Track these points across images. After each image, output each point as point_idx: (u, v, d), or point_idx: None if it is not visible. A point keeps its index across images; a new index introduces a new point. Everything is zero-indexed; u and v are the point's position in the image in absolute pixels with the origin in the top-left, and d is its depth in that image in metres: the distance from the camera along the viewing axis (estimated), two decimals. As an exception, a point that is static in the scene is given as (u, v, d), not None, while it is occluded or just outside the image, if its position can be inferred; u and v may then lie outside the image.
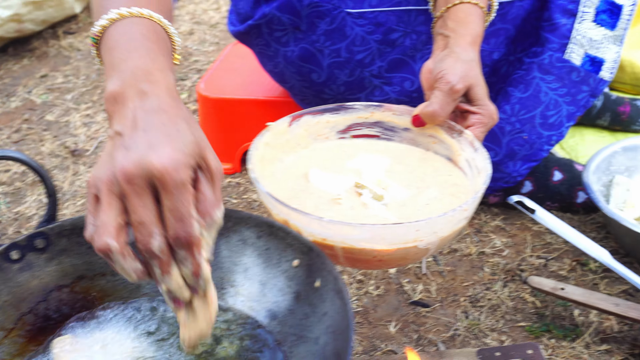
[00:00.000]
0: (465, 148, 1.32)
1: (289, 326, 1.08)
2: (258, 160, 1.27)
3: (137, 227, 0.86)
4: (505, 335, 1.59)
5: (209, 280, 0.91)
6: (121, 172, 0.85)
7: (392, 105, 1.41)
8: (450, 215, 1.12)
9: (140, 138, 0.87)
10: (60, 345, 1.09)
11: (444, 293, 1.73)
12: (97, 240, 0.87)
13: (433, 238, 1.14)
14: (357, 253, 1.14)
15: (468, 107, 1.33)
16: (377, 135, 1.44)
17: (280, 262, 1.12)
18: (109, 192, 0.86)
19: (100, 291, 1.19)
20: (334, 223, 1.11)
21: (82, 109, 2.74)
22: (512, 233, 1.90)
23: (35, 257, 1.15)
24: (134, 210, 0.85)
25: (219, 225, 0.92)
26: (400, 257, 1.17)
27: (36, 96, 2.87)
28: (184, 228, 0.86)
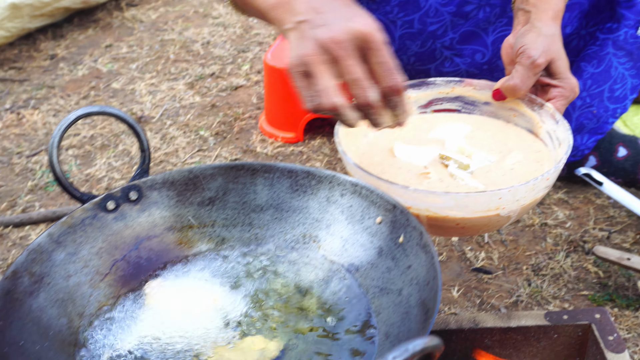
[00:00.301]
0: (546, 120, 1.34)
1: (370, 279, 1.13)
2: (344, 134, 1.31)
3: (353, 84, 1.03)
4: (567, 303, 1.62)
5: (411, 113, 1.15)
6: (330, 40, 1.01)
7: (472, 80, 1.44)
8: (532, 184, 1.15)
9: (332, 16, 1.03)
10: (152, 288, 1.15)
11: (506, 261, 1.77)
12: (325, 102, 1.03)
13: (515, 206, 1.17)
14: (441, 221, 1.18)
15: (549, 81, 1.35)
16: (457, 110, 1.47)
17: (363, 219, 1.16)
18: (320, 62, 1.02)
19: (188, 242, 1.24)
20: (419, 192, 1.15)
21: (147, 78, 2.81)
22: (575, 206, 1.92)
23: (129, 208, 1.21)
24: (348, 70, 1.02)
25: None
26: (483, 225, 1.20)
27: (102, 65, 2.95)
28: (394, 77, 1.04)
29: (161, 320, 1.11)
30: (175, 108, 2.58)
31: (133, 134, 1.20)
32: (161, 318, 1.11)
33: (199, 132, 2.41)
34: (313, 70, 1.03)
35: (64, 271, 1.12)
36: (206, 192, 1.25)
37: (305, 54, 1.03)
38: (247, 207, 1.25)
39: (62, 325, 1.08)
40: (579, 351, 1.39)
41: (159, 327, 1.10)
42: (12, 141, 2.47)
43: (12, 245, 1.99)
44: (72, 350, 1.07)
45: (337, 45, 1.01)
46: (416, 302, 1.01)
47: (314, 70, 1.03)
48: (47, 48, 3.13)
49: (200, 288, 1.17)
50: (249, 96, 2.62)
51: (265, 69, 2.26)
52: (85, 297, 1.13)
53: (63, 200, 2.16)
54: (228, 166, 1.24)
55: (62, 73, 2.91)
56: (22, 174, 2.29)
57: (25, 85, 2.84)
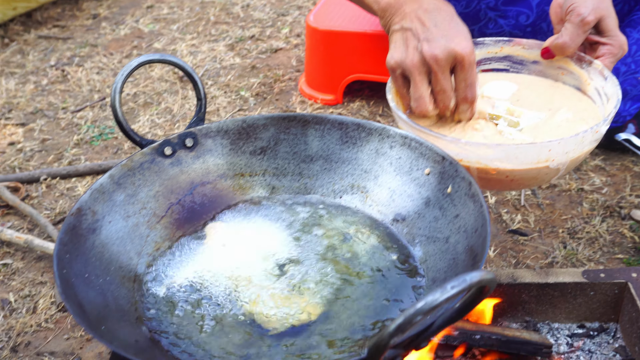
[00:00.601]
0: (594, 77, 1.36)
1: (417, 228, 1.17)
2: (395, 92, 1.35)
3: (440, 93, 1.28)
4: (602, 265, 1.65)
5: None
6: (432, 57, 1.25)
7: (521, 40, 1.46)
8: (581, 136, 1.17)
9: (436, 32, 1.26)
10: (210, 229, 1.20)
11: (542, 224, 1.80)
12: (420, 107, 1.30)
13: (564, 158, 1.20)
14: (491, 173, 1.21)
15: (598, 39, 1.37)
16: (505, 69, 1.49)
17: (412, 171, 1.20)
18: (420, 72, 1.27)
19: (240, 190, 1.29)
20: (470, 144, 1.19)
21: (188, 39, 2.85)
22: (612, 173, 1.94)
23: (184, 154, 1.26)
24: (439, 83, 1.27)
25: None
26: (532, 177, 1.23)
27: (143, 25, 2.99)
28: (472, 92, 1.29)
29: (215, 258, 1.16)
30: (215, 69, 2.62)
31: (190, 82, 1.25)
32: (216, 257, 1.16)
33: (239, 93, 2.45)
34: (413, 77, 1.28)
35: (123, 211, 1.18)
36: (258, 142, 1.29)
37: (409, 62, 1.27)
38: (297, 158, 1.29)
39: (122, 262, 1.13)
40: (614, 309, 1.42)
41: (212, 265, 1.15)
42: (57, 97, 2.53)
43: (60, 196, 2.05)
44: (132, 285, 1.12)
45: (436, 63, 1.25)
46: (463, 249, 1.05)
47: (413, 78, 1.28)
48: (89, 7, 3.17)
49: (251, 234, 1.21)
50: (288, 59, 2.66)
51: (307, 30, 2.29)
52: (143, 237, 1.19)
53: (107, 154, 2.22)
54: (280, 117, 1.28)
55: (104, 32, 2.96)
56: (67, 129, 2.35)
57: (68, 43, 2.90)
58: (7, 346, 1.59)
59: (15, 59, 2.79)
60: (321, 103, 2.34)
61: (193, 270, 1.14)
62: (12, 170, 2.18)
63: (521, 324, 1.44)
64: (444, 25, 1.28)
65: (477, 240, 1.01)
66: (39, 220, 1.93)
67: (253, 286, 1.11)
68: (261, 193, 1.29)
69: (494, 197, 1.88)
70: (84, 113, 2.41)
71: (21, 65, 2.75)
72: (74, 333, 1.61)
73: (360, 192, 1.26)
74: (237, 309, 1.07)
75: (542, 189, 1.90)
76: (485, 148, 1.18)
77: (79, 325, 1.63)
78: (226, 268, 1.14)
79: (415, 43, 1.28)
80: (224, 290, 1.11)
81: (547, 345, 1.35)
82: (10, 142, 2.30)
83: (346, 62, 2.25)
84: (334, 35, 2.22)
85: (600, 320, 1.44)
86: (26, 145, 2.28)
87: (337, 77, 2.28)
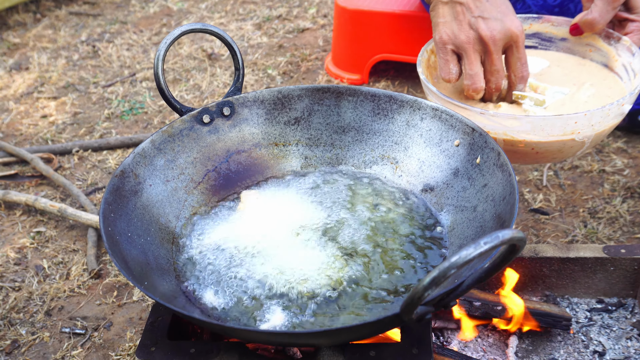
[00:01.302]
0: (622, 53, 1.39)
1: (445, 197, 1.21)
2: (425, 66, 1.38)
3: (494, 73, 1.29)
4: (622, 244, 1.68)
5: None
6: (490, 37, 1.26)
7: (550, 17, 1.48)
8: (607, 109, 1.20)
9: (490, 8, 1.26)
10: (244, 195, 1.25)
11: (563, 204, 1.83)
12: (475, 85, 1.30)
13: (589, 131, 1.23)
14: (517, 144, 1.25)
15: (627, 15, 1.39)
16: (534, 46, 1.52)
17: (442, 142, 1.24)
18: (474, 50, 1.28)
19: (273, 158, 1.33)
20: (498, 115, 1.22)
21: (216, 18, 2.90)
22: (634, 155, 1.97)
23: (222, 122, 1.30)
24: (494, 62, 1.28)
25: None
26: (557, 150, 1.26)
27: (172, 3, 3.04)
28: (526, 69, 1.32)
29: (247, 224, 1.21)
30: (243, 47, 2.66)
31: (230, 52, 1.29)
32: (248, 222, 1.21)
33: (267, 71, 2.49)
34: (467, 54, 1.28)
35: (163, 175, 1.22)
36: (292, 112, 1.33)
37: (463, 40, 1.28)
38: (329, 128, 1.33)
39: (162, 224, 1.18)
40: (633, 285, 1.46)
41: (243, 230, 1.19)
42: (88, 72, 2.58)
43: (92, 167, 2.11)
44: (170, 247, 1.17)
45: (494, 43, 1.26)
46: (491, 217, 1.09)
47: (468, 55, 1.29)
48: (119, -15, 3.23)
49: (284, 201, 1.26)
50: (315, 38, 2.70)
51: (336, 9, 2.33)
52: (181, 202, 1.23)
53: (137, 128, 2.27)
54: (314, 88, 1.32)
55: (134, 10, 3.01)
56: (98, 103, 2.40)
57: (99, 19, 2.95)
58: (42, 310, 1.65)
59: (47, 33, 2.85)
60: (347, 82, 2.38)
61: (225, 235, 1.19)
62: (45, 142, 2.24)
63: (541, 298, 1.48)
64: (497, 2, 1.28)
65: (505, 207, 1.05)
66: (72, 190, 1.99)
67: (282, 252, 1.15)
68: (294, 162, 1.33)
69: (517, 177, 1.92)
70: (114, 88, 2.47)
71: (53, 41, 2.80)
72: (106, 299, 1.67)
73: (390, 162, 1.30)
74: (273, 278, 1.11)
75: (564, 169, 1.93)
76: (512, 120, 1.21)
77: (110, 291, 1.69)
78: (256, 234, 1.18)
79: (470, 18, 1.28)
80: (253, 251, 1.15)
81: (566, 318, 1.39)
82: (43, 115, 2.36)
83: (373, 42, 2.28)
84: (362, 15, 2.25)
85: (618, 295, 1.48)
86: (58, 118, 2.33)
87: (364, 56, 2.32)
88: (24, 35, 2.83)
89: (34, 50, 2.73)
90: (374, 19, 2.24)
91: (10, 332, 1.59)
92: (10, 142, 2.23)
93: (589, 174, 1.92)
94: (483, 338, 1.41)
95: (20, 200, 1.95)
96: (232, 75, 2.47)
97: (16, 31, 2.86)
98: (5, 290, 1.70)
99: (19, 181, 2.08)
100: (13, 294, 1.68)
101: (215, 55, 2.61)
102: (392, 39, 2.25)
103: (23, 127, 2.29)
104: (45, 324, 1.62)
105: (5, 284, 1.72)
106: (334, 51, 2.44)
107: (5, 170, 2.11)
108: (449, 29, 1.30)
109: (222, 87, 2.41)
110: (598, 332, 1.41)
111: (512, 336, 1.39)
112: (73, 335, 1.58)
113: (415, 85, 2.33)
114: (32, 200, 1.93)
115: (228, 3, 3.01)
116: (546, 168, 1.93)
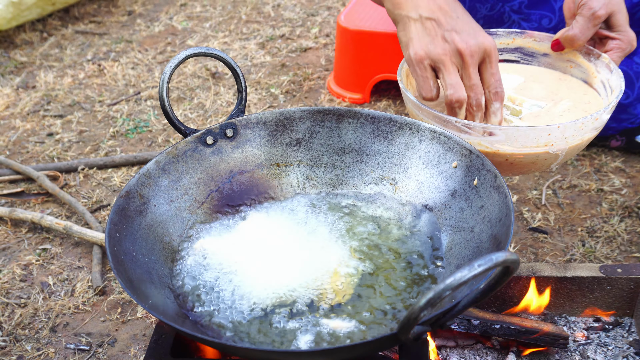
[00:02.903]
0: (601, 70, 1.41)
1: (443, 218, 1.24)
2: (405, 75, 1.41)
3: (473, 88, 1.26)
4: (619, 264, 1.71)
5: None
6: (467, 50, 1.23)
7: (533, 32, 1.51)
8: (581, 122, 1.22)
9: (461, 24, 1.26)
10: (250, 216, 1.28)
11: (561, 223, 1.86)
12: (457, 94, 1.25)
13: (563, 144, 1.25)
14: (491, 155, 1.27)
15: (608, 33, 1.41)
16: (517, 60, 1.55)
17: (440, 164, 1.26)
18: (451, 63, 1.25)
19: (275, 179, 1.36)
20: (473, 125, 1.24)
21: (220, 37, 2.94)
22: (632, 175, 1.99)
23: (225, 143, 1.33)
24: (471, 76, 1.26)
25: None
26: (531, 162, 1.28)
27: (177, 22, 3.08)
28: (500, 86, 1.28)
29: (250, 242, 1.23)
30: (247, 66, 2.70)
31: (233, 75, 1.32)
32: (250, 240, 1.23)
33: (269, 90, 2.53)
34: (445, 66, 1.26)
35: (167, 196, 1.25)
36: (294, 134, 1.36)
37: (440, 52, 1.25)
38: (330, 150, 1.36)
39: (166, 243, 1.21)
40: (630, 304, 1.48)
41: (245, 247, 1.22)
42: (94, 90, 2.62)
43: (97, 185, 2.14)
44: (172, 266, 1.20)
45: (470, 55, 1.24)
46: (488, 238, 1.12)
47: (446, 67, 1.26)
48: (124, 4, 3.27)
49: (284, 220, 1.28)
50: (317, 58, 2.73)
51: (338, 30, 2.37)
52: (185, 221, 1.26)
53: (142, 146, 2.30)
54: (316, 110, 1.35)
55: (139, 29, 3.05)
56: (104, 121, 2.44)
57: (104, 38, 2.99)
58: (47, 326, 1.68)
59: (54, 52, 2.89)
60: (349, 102, 2.41)
61: (227, 253, 1.21)
62: (51, 160, 2.27)
63: (539, 317, 1.50)
64: (466, 19, 1.28)
65: (501, 229, 1.08)
66: (77, 208, 2.02)
67: (284, 269, 1.18)
68: (296, 183, 1.36)
69: (516, 195, 1.95)
70: (119, 106, 2.50)
71: (59, 59, 2.84)
72: (110, 316, 1.69)
73: (389, 183, 1.32)
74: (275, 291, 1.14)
75: (562, 188, 1.96)
76: (487, 130, 1.24)
77: (114, 308, 1.71)
78: (258, 251, 1.21)
79: (442, 32, 1.26)
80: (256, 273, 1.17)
81: (563, 336, 1.41)
82: (49, 133, 2.39)
83: (375, 61, 2.32)
84: (364, 35, 2.29)
85: (615, 314, 1.50)
86: (64, 136, 2.37)
87: (365, 76, 2.35)
88: (31, 53, 2.87)
89: (41, 69, 2.77)
90: (375, 39, 2.28)
91: (15, 348, 1.61)
92: (16, 159, 2.27)
93: (587, 193, 1.94)
94: (481, 356, 1.43)
95: (26, 218, 1.97)
96: (235, 94, 2.51)
97: (23, 50, 2.90)
98: (11, 306, 1.73)
99: (25, 199, 2.11)
100: (19, 310, 1.71)
101: (219, 74, 2.64)
102: (393, 59, 2.29)
103: (29, 144, 2.33)
104: (51, 340, 1.64)
105: (11, 300, 1.74)
106: (335, 70, 2.47)
107: (12, 188, 2.14)
108: (424, 44, 1.27)
109: (225, 105, 2.44)
110: (595, 351, 1.43)
111: (510, 354, 1.41)
112: (78, 352, 1.60)
113: (416, 105, 2.36)
114: (38, 218, 1.96)
115: (232, 22, 3.05)
116: (545, 187, 1.96)
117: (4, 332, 1.65)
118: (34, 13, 2.94)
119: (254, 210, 1.31)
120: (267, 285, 1.14)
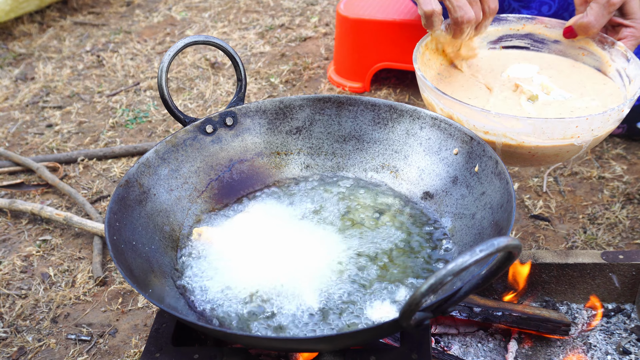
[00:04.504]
0: (616, 59, 1.40)
1: (444, 205, 1.23)
2: (422, 62, 1.40)
3: (473, 3, 1.35)
4: (621, 250, 1.70)
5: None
6: None
7: (544, 18, 1.49)
8: (608, 114, 1.22)
9: None
10: (249, 206, 1.27)
11: (563, 210, 1.85)
12: (467, 14, 1.34)
13: (588, 136, 1.25)
14: (514, 148, 1.26)
15: (622, 21, 1.40)
16: (526, 47, 1.53)
17: (441, 151, 1.26)
18: None
19: (275, 167, 1.36)
20: (501, 116, 1.23)
21: (219, 27, 2.92)
22: (633, 161, 1.99)
23: (225, 132, 1.33)
24: None
25: None
26: (553, 154, 1.28)
27: (176, 13, 3.07)
28: (495, 1, 1.36)
29: (250, 231, 1.23)
30: (246, 56, 2.69)
31: (232, 63, 1.31)
32: (250, 229, 1.23)
33: (269, 79, 2.52)
34: None
35: (167, 185, 1.25)
36: (294, 122, 1.35)
37: None
38: (331, 137, 1.35)
39: (166, 232, 1.20)
40: (631, 290, 1.47)
41: (246, 236, 1.21)
42: (93, 81, 2.61)
43: (96, 176, 2.13)
44: (174, 254, 1.19)
45: None
46: (489, 224, 1.11)
47: None
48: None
49: (285, 209, 1.28)
50: (317, 47, 2.72)
51: (337, 19, 2.35)
52: (185, 210, 1.26)
53: (142, 137, 2.29)
54: (316, 98, 1.34)
55: (138, 19, 3.04)
56: (103, 112, 2.43)
57: (103, 29, 2.98)
58: (48, 317, 1.67)
59: (52, 44, 2.88)
60: (349, 91, 2.40)
61: (228, 242, 1.21)
62: (51, 151, 2.26)
63: (541, 304, 1.50)
64: None
65: (503, 215, 1.07)
66: (77, 199, 2.02)
67: (284, 259, 1.17)
68: (296, 171, 1.36)
69: (517, 183, 1.94)
70: (118, 97, 2.49)
71: (58, 51, 2.83)
72: (111, 306, 1.69)
73: (390, 171, 1.32)
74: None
75: (564, 176, 1.95)
76: (514, 121, 1.22)
77: (115, 298, 1.71)
78: (259, 241, 1.20)
79: None
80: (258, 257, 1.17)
81: (565, 323, 1.41)
82: (49, 124, 2.38)
83: (374, 50, 2.31)
84: (363, 24, 2.28)
85: (617, 301, 1.50)
86: (64, 127, 2.36)
87: (365, 65, 2.34)
88: (30, 45, 2.86)
89: (39, 60, 2.76)
90: (375, 27, 2.27)
91: (17, 339, 1.61)
92: (16, 151, 2.26)
93: (588, 180, 1.93)
94: (483, 343, 1.43)
95: (26, 209, 1.97)
96: (235, 84, 2.50)
97: (21, 41, 2.89)
98: (11, 297, 1.73)
99: (25, 190, 2.11)
100: (19, 302, 1.71)
101: (218, 64, 2.63)
102: (393, 48, 2.28)
103: (29, 136, 2.32)
104: (52, 330, 1.64)
105: (12, 291, 1.74)
106: (335, 60, 2.46)
107: (11, 180, 2.14)
108: None
109: (225, 95, 2.43)
110: (596, 337, 1.43)
111: (511, 341, 1.41)
112: (79, 342, 1.60)
113: (417, 94, 2.35)
114: (38, 209, 1.95)
115: (231, 12, 3.04)
116: (546, 174, 1.95)
117: (5, 323, 1.65)
118: (32, 5, 2.93)
119: (254, 199, 1.31)
120: (267, 274, 1.14)
